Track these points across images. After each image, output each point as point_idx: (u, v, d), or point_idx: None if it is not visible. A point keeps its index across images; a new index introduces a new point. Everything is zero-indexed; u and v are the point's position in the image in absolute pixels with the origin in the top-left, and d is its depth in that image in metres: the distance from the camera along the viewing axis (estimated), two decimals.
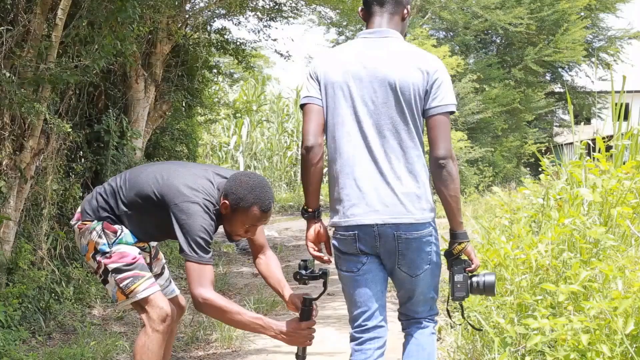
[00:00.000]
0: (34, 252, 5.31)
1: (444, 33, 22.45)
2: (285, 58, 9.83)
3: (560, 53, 20.58)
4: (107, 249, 2.82)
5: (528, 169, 23.27)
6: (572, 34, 20.44)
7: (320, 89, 2.47)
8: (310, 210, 2.51)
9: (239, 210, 2.68)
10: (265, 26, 9.65)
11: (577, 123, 27.58)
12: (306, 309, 2.60)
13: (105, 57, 4.94)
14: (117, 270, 2.80)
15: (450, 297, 2.53)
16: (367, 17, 2.56)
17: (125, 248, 2.85)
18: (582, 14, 22.11)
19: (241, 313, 2.61)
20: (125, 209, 2.85)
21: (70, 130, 5.39)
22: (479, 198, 14.40)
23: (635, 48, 25.32)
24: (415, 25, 18.46)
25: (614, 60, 24.65)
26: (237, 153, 21.21)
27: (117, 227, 2.87)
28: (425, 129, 2.46)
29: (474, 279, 2.48)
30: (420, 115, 2.44)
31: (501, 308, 3.41)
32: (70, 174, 6.40)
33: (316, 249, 2.54)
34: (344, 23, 18.93)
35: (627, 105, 29.07)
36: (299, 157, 18.77)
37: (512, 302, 3.21)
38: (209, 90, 12.07)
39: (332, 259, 2.59)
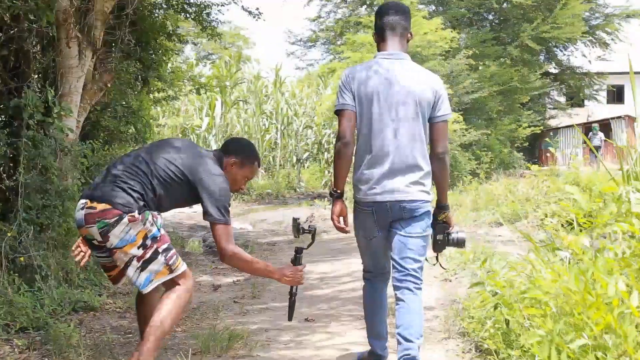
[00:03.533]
0: None
1: (433, 7, 20.87)
2: (254, 17, 8.20)
3: (559, 29, 19.15)
4: (159, 234, 3.17)
5: (522, 153, 21.83)
6: (572, 9, 19.03)
7: (354, 98, 3.22)
8: (339, 191, 3.31)
9: (246, 166, 3.49)
10: None
11: (571, 106, 26.25)
12: (299, 256, 3.45)
13: None
14: (167, 249, 3.18)
15: (432, 250, 3.47)
16: (380, 41, 3.35)
17: (163, 231, 3.22)
18: None
19: (258, 262, 3.34)
20: (151, 195, 3.21)
21: None
22: (477, 187, 12.86)
23: (634, 26, 24.07)
24: None
25: (612, 39, 23.38)
26: (209, 136, 19.51)
27: (156, 213, 3.24)
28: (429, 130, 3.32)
29: (451, 237, 3.42)
30: (427, 121, 3.26)
31: None
32: None
33: (339, 221, 3.31)
34: None
35: (621, 87, 27.45)
36: (278, 141, 17.64)
37: None
38: (172, 61, 10.43)
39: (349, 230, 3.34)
